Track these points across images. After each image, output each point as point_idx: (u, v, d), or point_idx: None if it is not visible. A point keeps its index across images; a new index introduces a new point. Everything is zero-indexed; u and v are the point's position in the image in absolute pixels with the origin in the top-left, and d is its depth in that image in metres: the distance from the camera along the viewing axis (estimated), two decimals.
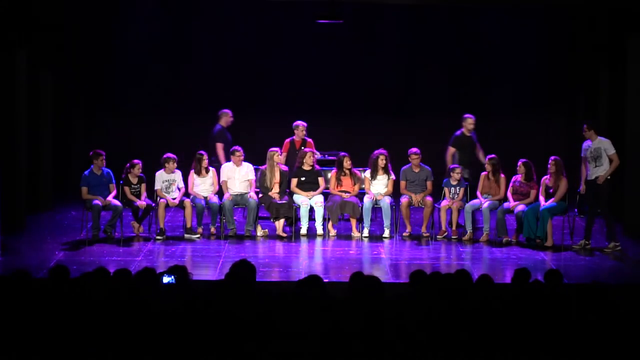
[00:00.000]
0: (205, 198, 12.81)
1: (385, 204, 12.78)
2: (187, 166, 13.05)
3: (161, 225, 12.66)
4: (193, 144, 14.12)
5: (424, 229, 12.94)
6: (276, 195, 12.88)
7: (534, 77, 16.26)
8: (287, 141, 13.72)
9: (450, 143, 13.42)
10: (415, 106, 16.36)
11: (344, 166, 12.97)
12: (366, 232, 12.88)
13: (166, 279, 6.73)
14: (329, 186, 13.04)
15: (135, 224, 12.86)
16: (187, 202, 12.74)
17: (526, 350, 6.12)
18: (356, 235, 12.85)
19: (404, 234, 12.90)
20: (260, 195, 12.93)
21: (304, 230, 12.85)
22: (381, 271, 11.07)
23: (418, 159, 12.95)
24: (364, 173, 13.18)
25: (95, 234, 12.49)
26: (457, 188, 12.87)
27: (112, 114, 16.08)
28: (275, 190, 12.92)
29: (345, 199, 12.82)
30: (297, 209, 12.92)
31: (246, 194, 12.89)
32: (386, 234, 12.81)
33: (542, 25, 16.12)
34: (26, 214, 13.39)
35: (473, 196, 12.93)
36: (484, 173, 12.84)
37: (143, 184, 12.81)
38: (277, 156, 13.02)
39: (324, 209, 12.89)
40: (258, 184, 13.03)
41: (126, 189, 12.73)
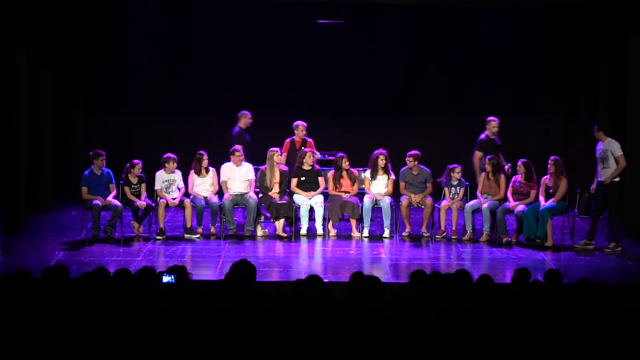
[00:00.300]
0: (205, 198, 12.81)
1: (385, 204, 12.78)
2: (187, 166, 13.05)
3: (161, 225, 12.66)
4: (193, 144, 14.12)
5: (424, 229, 12.94)
6: (276, 195, 12.88)
7: (534, 77, 16.26)
8: (287, 141, 13.72)
9: (475, 147, 13.28)
10: (415, 106, 16.36)
11: (342, 167, 12.96)
12: (366, 232, 12.88)
13: (166, 278, 6.74)
14: (328, 187, 13.03)
15: (135, 224, 12.86)
16: (187, 202, 12.74)
17: (526, 350, 6.12)
18: (356, 235, 12.85)
19: (403, 234, 12.90)
20: (260, 195, 12.93)
21: (304, 230, 12.85)
22: (381, 271, 11.07)
23: (413, 162, 12.91)
24: (363, 173, 13.18)
25: (95, 234, 12.49)
26: (457, 188, 12.87)
27: (112, 114, 16.08)
28: (275, 190, 12.92)
29: (345, 199, 12.81)
30: (297, 209, 12.92)
31: (246, 194, 12.89)
32: (386, 234, 12.81)
33: (542, 25, 16.12)
34: (26, 214, 13.39)
35: (473, 196, 12.93)
36: (484, 173, 12.84)
37: (143, 184, 12.81)
38: (277, 156, 13.02)
39: (324, 209, 12.89)
40: (258, 184, 13.03)
41: (126, 189, 12.73)
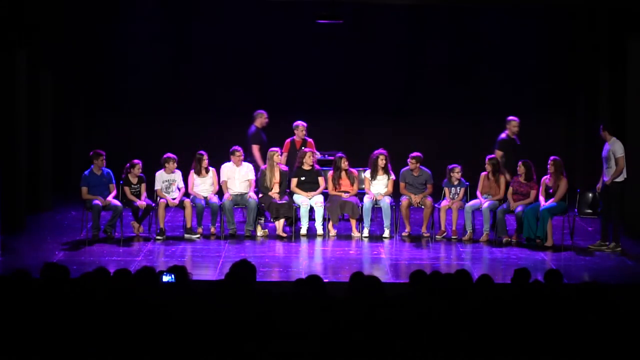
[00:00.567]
0: (205, 198, 12.82)
1: (385, 204, 12.78)
2: (187, 166, 13.05)
3: (161, 225, 12.66)
4: (193, 144, 14.13)
5: (424, 229, 12.93)
6: (276, 195, 12.88)
7: (534, 77, 16.27)
8: (287, 141, 13.72)
9: (496, 147, 13.23)
10: (415, 106, 16.37)
11: (341, 167, 12.96)
12: (366, 232, 12.88)
13: (166, 277, 6.74)
14: (328, 187, 13.03)
15: (135, 224, 12.86)
16: (187, 202, 12.74)
17: (526, 350, 6.11)
18: (356, 235, 12.85)
19: (403, 234, 12.90)
20: (260, 195, 12.93)
21: (304, 230, 12.85)
22: (381, 271, 11.07)
23: (415, 164, 12.90)
24: (363, 173, 13.18)
25: (95, 234, 12.49)
26: (457, 188, 12.87)
27: (112, 114, 16.09)
28: (275, 190, 12.92)
29: (345, 199, 12.81)
30: (297, 209, 12.92)
31: (246, 194, 12.90)
32: (386, 234, 12.81)
33: (542, 25, 16.12)
34: (26, 214, 13.39)
35: (473, 196, 12.93)
36: (484, 173, 12.84)
37: (143, 184, 12.81)
38: (277, 156, 13.02)
39: (324, 209, 12.89)
40: (258, 184, 13.03)
41: (126, 189, 12.74)
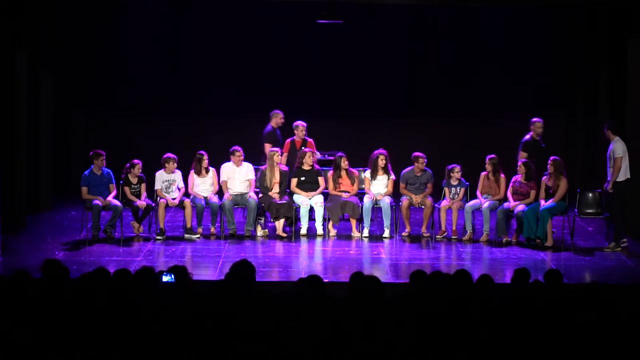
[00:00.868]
0: (205, 198, 12.81)
1: (385, 204, 12.78)
2: (187, 166, 13.05)
3: (161, 225, 12.66)
4: (193, 144, 14.13)
5: (424, 229, 12.93)
6: (276, 195, 12.88)
7: (534, 77, 16.26)
8: (287, 141, 13.72)
9: (520, 148, 13.21)
10: (416, 106, 16.37)
11: (342, 166, 12.96)
12: (366, 232, 12.87)
13: (165, 277, 6.74)
14: (328, 187, 13.03)
15: (135, 224, 12.86)
16: (187, 202, 12.74)
17: (526, 350, 6.12)
18: (356, 235, 12.85)
19: (403, 234, 12.90)
20: (260, 195, 12.93)
21: (304, 230, 12.85)
22: (381, 271, 11.07)
23: (424, 163, 12.90)
24: (364, 173, 13.18)
25: (95, 234, 12.49)
26: (457, 188, 12.87)
27: (112, 114, 16.09)
28: (275, 190, 12.92)
29: (345, 199, 12.81)
30: (297, 209, 12.92)
31: (246, 194, 12.90)
32: (386, 234, 12.81)
33: (543, 25, 16.12)
34: (26, 214, 13.39)
35: (473, 196, 12.93)
36: (484, 173, 12.83)
37: (143, 184, 12.81)
38: (277, 156, 13.02)
39: (324, 209, 12.89)
40: (258, 184, 13.03)
41: (126, 189, 12.73)
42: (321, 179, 13.06)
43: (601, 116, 14.50)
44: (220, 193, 12.97)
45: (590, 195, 12.60)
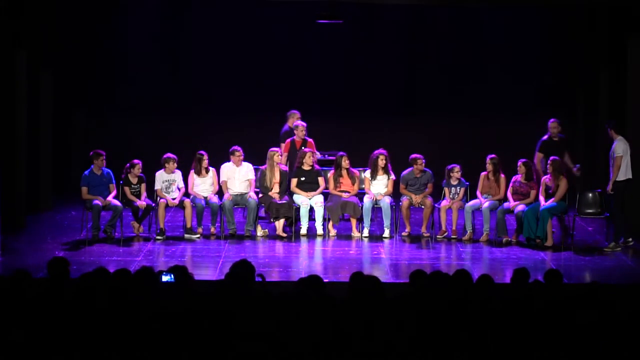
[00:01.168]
0: (205, 198, 12.81)
1: (385, 204, 12.78)
2: (187, 166, 13.05)
3: (161, 225, 12.66)
4: (193, 144, 14.13)
5: (424, 229, 12.93)
6: (276, 195, 12.88)
7: (534, 77, 16.26)
8: (287, 141, 13.71)
9: (537, 149, 13.19)
10: (415, 106, 16.37)
11: (342, 166, 12.96)
12: (366, 232, 12.87)
13: (165, 277, 6.74)
14: (328, 186, 13.04)
15: (135, 224, 12.86)
16: (187, 202, 12.74)
17: (526, 350, 6.12)
18: (356, 235, 12.85)
19: (403, 234, 12.90)
20: (260, 195, 12.93)
21: (304, 230, 12.85)
22: (381, 271, 11.07)
23: (423, 164, 12.90)
24: (364, 173, 13.18)
25: (95, 234, 12.49)
26: (457, 188, 12.87)
27: (112, 114, 16.08)
28: (275, 190, 12.92)
29: (345, 199, 12.81)
30: (297, 209, 12.92)
31: (246, 194, 12.90)
32: (386, 234, 12.81)
33: (543, 25, 16.12)
34: (26, 214, 13.39)
35: (473, 196, 12.93)
36: (484, 173, 12.83)
37: (143, 184, 12.81)
38: (277, 156, 13.02)
39: (324, 209, 12.89)
40: (258, 184, 13.03)
41: (126, 189, 12.73)
42: (321, 179, 13.06)
43: (601, 116, 14.50)
44: (220, 193, 12.97)
45: (590, 195, 12.60)
